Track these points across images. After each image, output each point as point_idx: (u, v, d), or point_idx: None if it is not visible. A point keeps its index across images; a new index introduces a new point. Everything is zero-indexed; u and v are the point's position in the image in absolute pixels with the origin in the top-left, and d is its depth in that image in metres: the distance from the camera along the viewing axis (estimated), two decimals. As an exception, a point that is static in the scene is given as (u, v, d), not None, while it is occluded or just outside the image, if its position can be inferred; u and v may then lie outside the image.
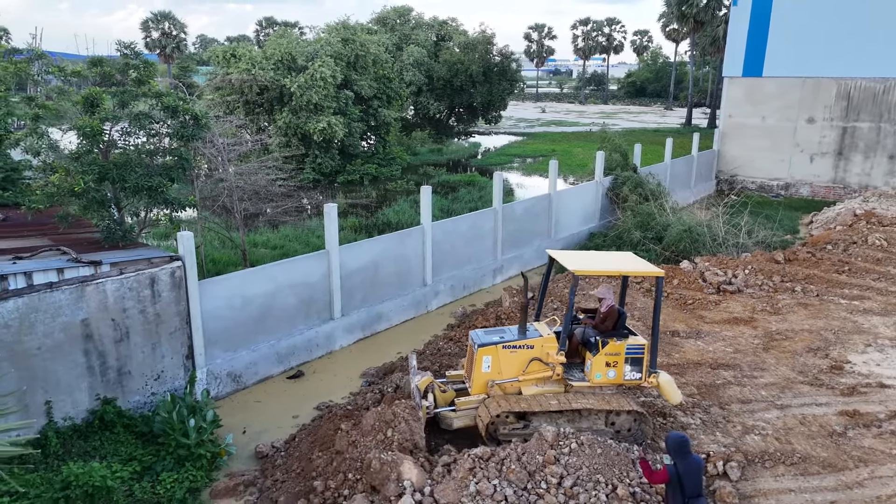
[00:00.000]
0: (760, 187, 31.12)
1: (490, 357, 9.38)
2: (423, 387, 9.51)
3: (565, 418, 9.18)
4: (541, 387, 9.41)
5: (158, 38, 67.12)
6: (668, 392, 9.51)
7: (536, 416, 9.14)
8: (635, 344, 9.37)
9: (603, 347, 9.27)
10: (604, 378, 9.33)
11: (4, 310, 9.25)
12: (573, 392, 9.38)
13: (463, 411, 9.47)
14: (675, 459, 7.04)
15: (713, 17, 58.95)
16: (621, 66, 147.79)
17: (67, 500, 8.62)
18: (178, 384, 11.46)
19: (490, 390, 9.39)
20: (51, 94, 12.65)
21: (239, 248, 17.95)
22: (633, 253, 19.17)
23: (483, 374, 9.45)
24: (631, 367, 9.35)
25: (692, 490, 6.96)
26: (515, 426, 9.16)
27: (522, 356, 9.38)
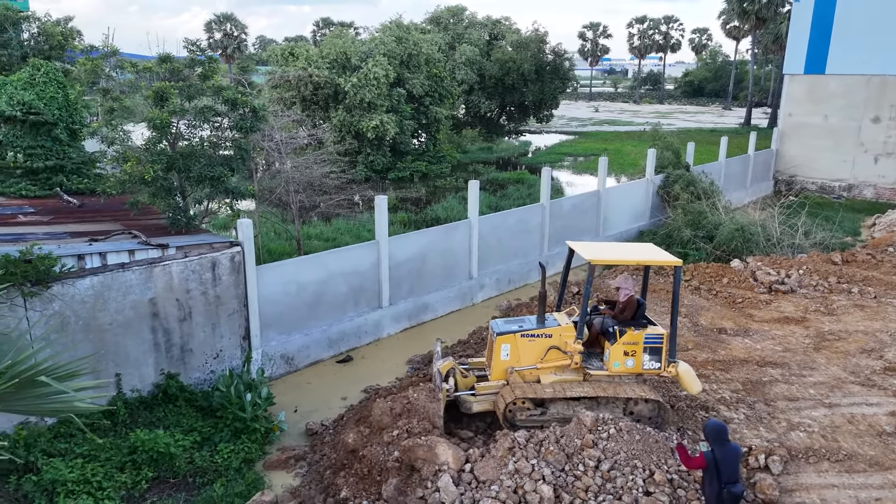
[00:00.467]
0: (821, 188, 30.13)
1: (509, 345, 9.60)
2: (445, 370, 9.77)
3: (582, 406, 9.30)
4: (559, 375, 9.56)
5: (220, 38, 69.55)
6: (687, 382, 9.54)
7: (554, 403, 9.30)
8: (654, 333, 9.42)
9: (621, 337, 9.36)
10: (622, 367, 9.42)
11: (82, 286, 10.01)
12: (591, 380, 9.50)
13: (482, 396, 9.70)
14: (712, 446, 7.11)
15: (776, 13, 57.18)
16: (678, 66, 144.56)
17: (134, 464, 9.32)
18: (235, 363, 12.09)
19: (510, 377, 9.60)
20: (123, 88, 13.52)
21: (294, 239, 18.66)
22: (683, 251, 19.11)
23: (502, 362, 9.67)
24: (650, 357, 9.41)
25: (729, 476, 7.01)
26: (533, 413, 9.34)
27: (540, 345, 9.56)
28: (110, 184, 12.39)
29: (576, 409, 9.25)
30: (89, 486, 8.71)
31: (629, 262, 9.91)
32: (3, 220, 12.43)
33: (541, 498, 7.52)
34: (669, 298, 15.13)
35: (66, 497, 8.38)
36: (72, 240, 11.18)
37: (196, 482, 9.34)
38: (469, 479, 7.91)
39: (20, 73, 15.20)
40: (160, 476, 9.34)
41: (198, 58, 13.68)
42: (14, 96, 14.52)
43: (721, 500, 7.06)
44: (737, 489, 7.03)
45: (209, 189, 12.77)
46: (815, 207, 25.62)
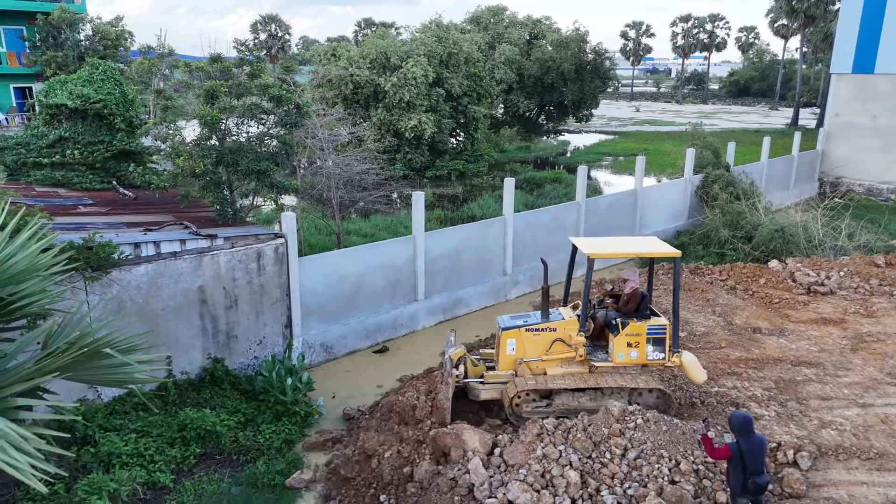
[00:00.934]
0: (868, 190, 29.37)
1: (514, 340, 9.90)
2: (456, 358, 10.12)
3: (587, 397, 9.53)
4: (565, 367, 9.81)
5: (265, 39, 71.22)
6: (692, 371, 9.71)
7: (559, 394, 9.54)
8: (657, 324, 9.59)
9: (624, 328, 9.54)
10: (626, 358, 9.61)
11: (137, 273, 10.66)
12: (596, 372, 9.70)
13: (491, 384, 10.03)
14: (737, 438, 7.20)
15: (825, 11, 55.75)
16: (724, 65, 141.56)
17: (183, 440, 9.91)
18: (277, 350, 12.63)
19: (518, 368, 9.87)
20: (178, 86, 14.23)
21: (334, 234, 19.22)
22: (720, 251, 19.00)
23: (508, 356, 9.97)
24: (653, 348, 9.59)
25: (754, 468, 7.11)
26: (539, 404, 9.60)
27: (545, 338, 9.82)
28: (163, 177, 13.07)
29: (580, 401, 9.52)
30: (142, 459, 9.31)
31: (628, 254, 10.15)
32: (65, 211, 13.24)
33: (567, 483, 7.78)
34: (703, 296, 15.16)
35: (120, 468, 8.96)
36: (128, 229, 11.87)
37: (240, 459, 9.87)
38: (498, 463, 8.21)
39: (80, 72, 16.08)
40: (207, 452, 9.91)
41: (246, 58, 14.30)
42: (74, 92, 15.39)
43: (746, 490, 7.16)
44: (762, 480, 7.13)
45: (255, 183, 13.36)
46: (860, 209, 25.06)
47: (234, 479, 9.42)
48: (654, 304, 14.74)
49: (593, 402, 9.58)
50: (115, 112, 15.62)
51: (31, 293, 6.33)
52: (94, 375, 6.28)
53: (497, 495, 7.75)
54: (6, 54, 35.28)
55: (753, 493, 7.17)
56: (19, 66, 35.36)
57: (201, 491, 9.11)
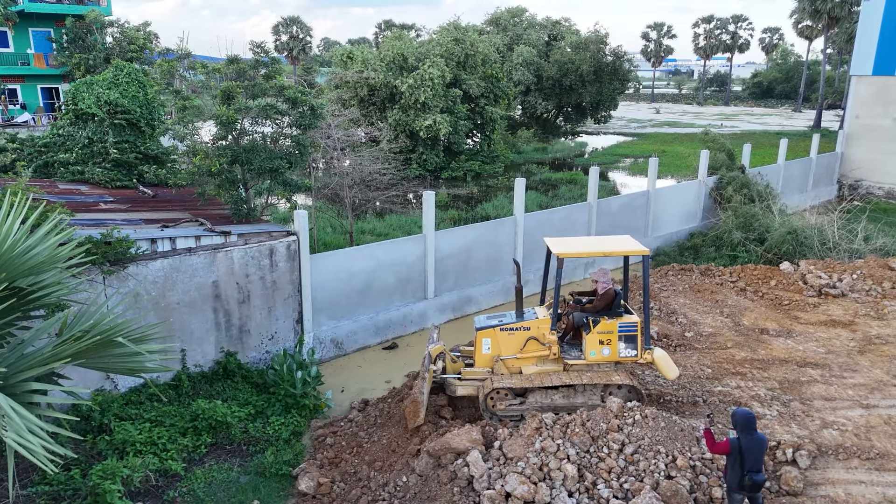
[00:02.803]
0: (888, 194, 28.97)
1: (489, 339, 10.09)
2: (435, 354, 10.35)
3: (560, 394, 9.72)
4: (540, 366, 9.97)
5: (287, 41, 72.08)
6: (664, 367, 9.83)
7: (532, 392, 9.72)
8: (628, 322, 9.73)
9: (594, 326, 9.68)
10: (598, 356, 9.74)
11: (153, 268, 11.02)
12: (570, 370, 9.87)
13: (467, 381, 10.22)
14: (739, 434, 7.25)
15: (850, 12, 54.94)
16: (748, 66, 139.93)
17: (195, 430, 10.24)
18: (289, 345, 12.93)
19: (494, 366, 10.05)
20: (196, 87, 14.62)
21: (347, 233, 19.53)
22: (733, 253, 18.96)
23: (484, 355, 10.17)
24: (625, 345, 9.71)
25: (752, 465, 7.17)
26: (512, 402, 9.78)
27: (519, 337, 9.98)
28: (181, 176, 13.46)
29: (553, 398, 9.74)
30: (155, 448, 9.66)
31: (597, 253, 10.26)
32: (87, 207, 13.68)
33: (565, 476, 7.94)
34: (713, 297, 15.18)
35: (134, 455, 9.31)
36: (146, 226, 12.26)
37: (249, 450, 10.17)
38: (497, 456, 8.40)
39: (105, 74, 16.58)
40: (217, 442, 10.22)
41: (262, 59, 14.65)
42: (101, 96, 15.88)
43: (742, 486, 7.25)
44: (759, 477, 7.20)
45: (269, 181, 13.69)
46: (879, 213, 24.78)
47: (243, 469, 9.71)
48: (664, 304, 14.82)
49: (566, 399, 9.80)
50: (140, 116, 16.09)
51: (49, 284, 6.65)
52: (106, 363, 6.59)
53: (495, 487, 7.93)
54: (34, 56, 36.30)
55: (749, 489, 7.26)
56: (47, 67, 36.37)
57: (211, 479, 9.41)
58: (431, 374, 10.03)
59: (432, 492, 8.29)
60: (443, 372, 10.42)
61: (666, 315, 14.64)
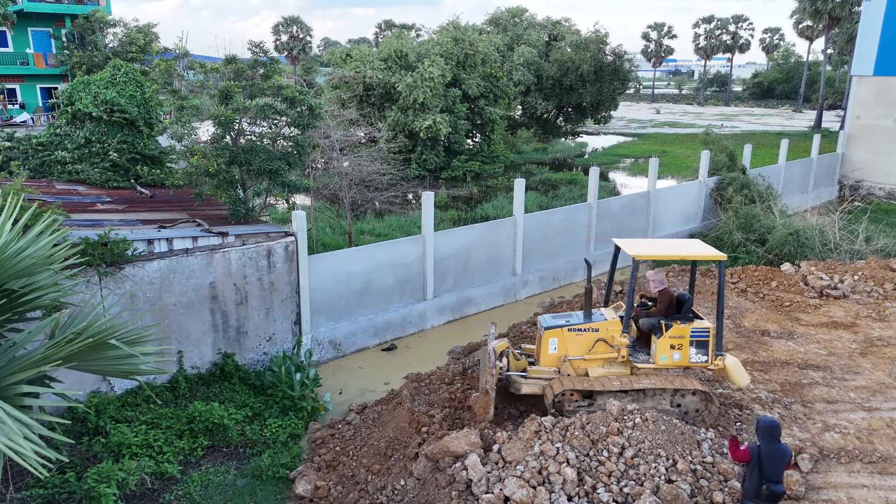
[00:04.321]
0: (889, 195, 28.88)
1: (556, 339, 9.94)
2: (500, 350, 10.18)
3: (629, 398, 9.52)
4: (606, 368, 9.83)
5: (287, 41, 72.01)
6: (735, 375, 9.67)
7: (601, 394, 9.56)
8: (700, 327, 9.58)
9: (667, 330, 9.54)
10: (669, 360, 9.60)
11: (150, 269, 10.94)
12: (638, 373, 9.72)
13: (533, 379, 10.07)
14: (760, 442, 7.08)
15: (850, 13, 54.86)
16: (748, 67, 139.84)
17: (192, 432, 10.15)
18: (287, 347, 12.85)
19: (562, 366, 9.91)
20: (193, 87, 14.54)
21: (346, 233, 19.45)
22: (733, 255, 18.86)
23: (550, 355, 10.02)
24: (696, 350, 9.57)
25: (771, 475, 6.97)
26: (580, 403, 9.63)
27: (587, 338, 9.84)
28: (178, 176, 13.38)
29: (622, 401, 9.47)
30: (151, 450, 9.57)
31: (670, 256, 10.12)
32: (83, 208, 13.60)
33: (564, 479, 7.85)
34: (713, 299, 15.08)
35: (130, 458, 9.22)
36: (143, 226, 12.18)
37: (246, 452, 10.09)
38: (496, 459, 8.31)
39: (102, 73, 16.50)
40: (214, 445, 10.14)
41: (260, 59, 14.57)
42: (98, 95, 15.80)
43: (759, 496, 7.04)
44: (778, 489, 6.99)
45: (268, 182, 13.61)
46: (880, 214, 24.70)
47: (240, 471, 9.63)
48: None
49: (636, 403, 9.54)
50: (137, 116, 16.01)
51: (43, 286, 6.57)
52: (100, 366, 6.51)
53: (494, 491, 7.85)
54: (33, 55, 36.23)
55: (767, 499, 7.03)
56: (46, 66, 36.30)
57: (207, 482, 9.33)
58: (498, 371, 9.85)
59: (430, 495, 8.21)
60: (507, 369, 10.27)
61: (666, 316, 14.54)
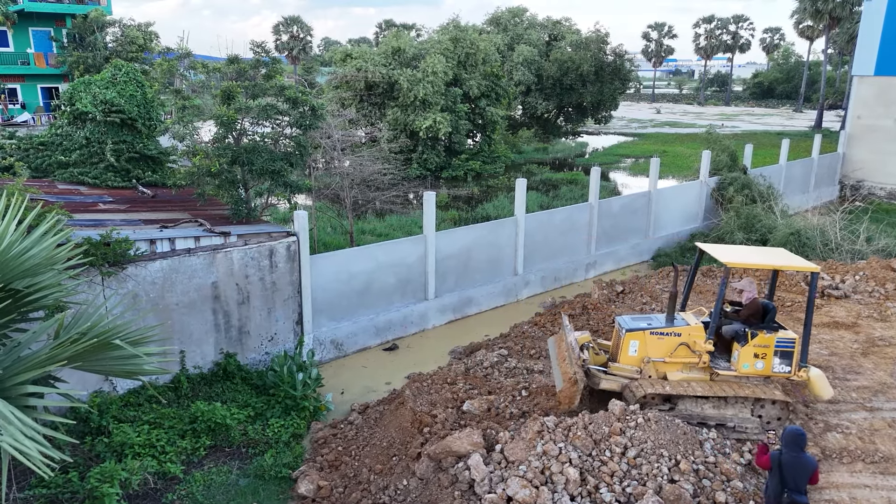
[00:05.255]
0: (890, 195, 28.88)
1: (637, 342, 9.83)
2: (581, 343, 10.16)
3: (710, 404, 9.48)
4: (685, 373, 9.73)
5: (287, 40, 72.01)
6: (818, 387, 9.57)
7: (683, 400, 9.50)
8: (786, 337, 9.48)
9: (752, 339, 9.46)
10: (751, 369, 9.51)
11: (152, 269, 10.95)
12: (718, 380, 9.64)
13: (613, 376, 9.92)
14: (783, 449, 6.97)
15: (851, 13, 54.88)
16: (748, 67, 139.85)
17: (194, 432, 10.16)
18: (289, 346, 12.85)
19: (644, 367, 9.83)
20: (195, 87, 14.55)
21: (347, 233, 19.45)
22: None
23: (630, 358, 9.91)
24: (780, 360, 9.48)
25: (793, 484, 6.84)
26: (661, 407, 9.55)
27: (669, 342, 9.73)
28: (180, 176, 13.39)
29: (703, 408, 9.47)
30: (153, 450, 9.58)
31: (764, 266, 9.98)
32: (85, 208, 13.61)
33: (567, 479, 7.86)
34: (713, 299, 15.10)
35: (132, 458, 9.23)
36: (145, 226, 12.19)
37: (248, 452, 10.10)
38: (499, 459, 8.32)
39: (103, 73, 16.52)
40: (217, 444, 10.15)
41: (263, 59, 14.58)
42: (98, 96, 15.81)
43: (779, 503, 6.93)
44: (800, 499, 6.86)
45: (270, 182, 13.62)
46: (881, 214, 24.71)
47: (243, 471, 9.64)
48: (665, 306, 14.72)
49: (716, 410, 9.51)
50: (136, 116, 16.03)
51: (47, 286, 6.58)
52: (104, 366, 6.52)
53: (497, 491, 7.85)
54: (34, 55, 36.25)
55: None
56: (46, 66, 36.32)
57: (210, 482, 9.34)
58: (581, 362, 9.77)
59: (433, 495, 8.22)
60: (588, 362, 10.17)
61: (668, 316, 14.54)
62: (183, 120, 13.19)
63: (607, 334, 13.74)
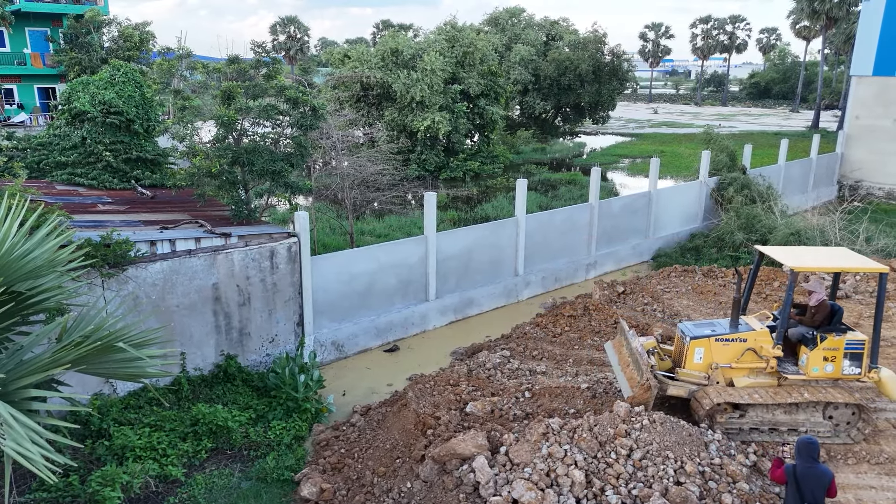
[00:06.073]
0: (889, 195, 28.94)
1: (703, 349, 9.76)
2: (648, 348, 10.13)
3: (782, 410, 9.37)
4: (752, 378, 9.64)
5: (284, 40, 71.89)
6: (890, 388, 9.50)
7: (753, 407, 9.38)
8: (855, 339, 9.45)
9: (822, 342, 9.41)
10: (821, 372, 9.46)
11: (153, 270, 10.88)
12: (786, 385, 9.56)
13: (680, 382, 9.87)
14: (797, 461, 6.79)
15: (848, 13, 55.07)
16: (745, 67, 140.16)
17: (195, 434, 10.10)
18: (290, 348, 12.79)
19: (712, 373, 9.73)
20: (196, 87, 14.47)
21: (347, 234, 19.39)
22: (735, 255, 18.86)
23: (696, 365, 9.82)
24: (850, 362, 9.44)
25: (811, 497, 6.65)
26: (731, 416, 9.45)
27: (734, 348, 9.66)
28: (180, 177, 13.32)
29: (774, 413, 9.36)
30: (155, 453, 9.50)
31: (830, 269, 9.91)
32: (85, 209, 13.53)
33: (572, 482, 7.82)
34: (716, 299, 15.10)
35: (133, 461, 9.15)
36: (145, 227, 12.11)
37: (250, 455, 10.03)
38: (504, 461, 8.27)
39: (101, 73, 16.44)
40: (218, 447, 10.08)
41: (263, 59, 14.52)
42: (96, 96, 15.73)
43: None
44: None
45: (270, 183, 13.55)
46: (880, 213, 24.74)
47: (245, 474, 9.58)
48: (667, 306, 14.71)
49: (788, 415, 9.41)
50: (134, 117, 15.95)
51: (49, 288, 6.51)
52: (107, 369, 6.45)
53: (502, 493, 7.81)
54: (31, 55, 36.10)
55: None
56: (43, 66, 36.17)
57: (212, 485, 9.27)
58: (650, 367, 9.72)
59: (437, 498, 8.17)
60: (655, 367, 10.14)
61: (669, 317, 14.55)
62: (183, 120, 13.11)
63: (608, 335, 13.72)
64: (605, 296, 15.56)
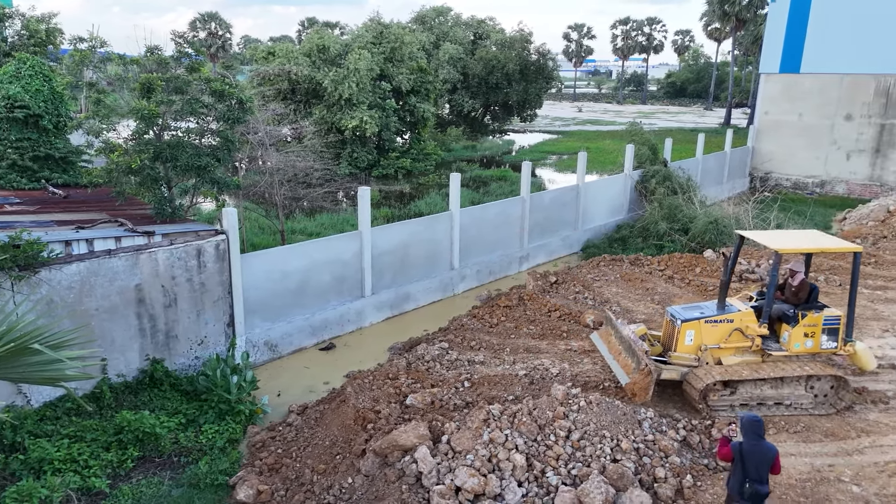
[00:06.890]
0: (795, 185, 30.87)
1: (693, 331, 10.19)
2: (640, 334, 10.50)
3: (769, 385, 9.93)
4: (739, 356, 10.18)
5: (205, 37, 69.41)
6: (864, 359, 10.23)
7: (743, 384, 9.88)
8: (832, 315, 10.10)
9: (802, 319, 9.97)
10: (802, 347, 10.09)
11: (69, 272, 10.24)
12: (770, 361, 10.11)
13: (672, 365, 10.24)
14: (743, 439, 6.89)
15: (755, 15, 58.33)
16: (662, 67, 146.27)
17: (120, 444, 9.58)
18: (220, 350, 12.33)
19: (702, 355, 10.15)
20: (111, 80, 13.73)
21: (278, 233, 18.91)
22: (659, 243, 19.62)
23: (687, 347, 10.23)
24: (828, 337, 10.08)
25: (755, 474, 6.78)
26: (723, 393, 9.91)
27: (723, 329, 10.15)
28: (97, 174, 12.61)
29: (762, 389, 9.86)
30: (76, 465, 8.96)
31: (812, 250, 10.60)
32: (-11, 210, 12.59)
33: (514, 466, 7.90)
34: (643, 286, 15.65)
35: (52, 475, 8.59)
36: (58, 228, 11.39)
37: (181, 461, 9.61)
38: (446, 450, 8.27)
39: (6, 67, 15.34)
40: (146, 455, 9.61)
41: (185, 51, 13.92)
42: (0, 90, 14.67)
43: (742, 495, 6.87)
44: (762, 489, 6.80)
45: (196, 179, 13.02)
46: (788, 203, 26.35)
47: (175, 481, 9.17)
48: (597, 294, 15.12)
49: (774, 390, 9.93)
50: (42, 112, 14.98)
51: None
52: (22, 373, 5.99)
53: (445, 482, 7.80)
54: (-77, 50, 33.30)
55: (750, 499, 6.85)
56: (-63, 62, 33.46)
57: (140, 495, 8.82)
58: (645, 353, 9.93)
59: (380, 491, 8.08)
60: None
61: (600, 304, 14.97)
62: (98, 114, 12.41)
63: (542, 323, 13.98)
64: (538, 286, 15.85)
